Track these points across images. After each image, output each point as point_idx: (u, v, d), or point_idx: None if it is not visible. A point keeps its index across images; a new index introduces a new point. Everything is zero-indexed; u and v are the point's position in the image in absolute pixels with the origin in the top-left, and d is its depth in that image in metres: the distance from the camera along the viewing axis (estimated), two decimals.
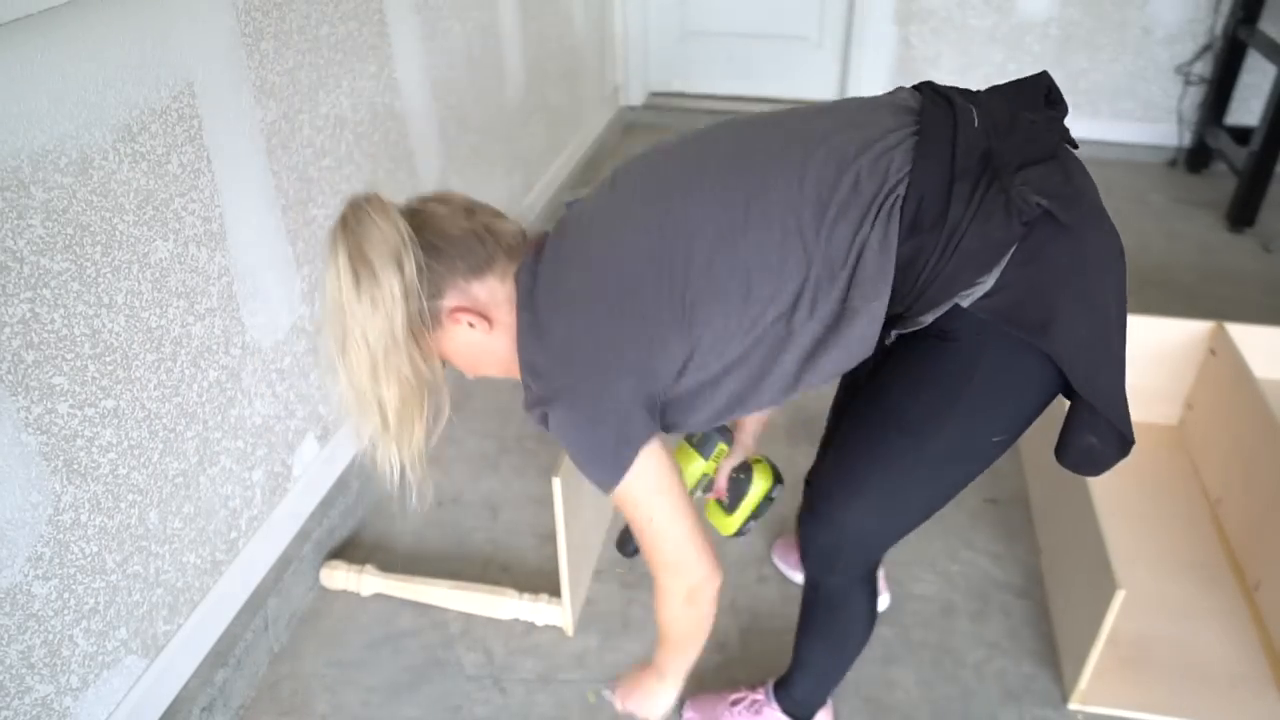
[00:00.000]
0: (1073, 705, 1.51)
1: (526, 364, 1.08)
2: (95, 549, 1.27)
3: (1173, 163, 3.52)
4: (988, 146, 0.94)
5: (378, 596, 1.73)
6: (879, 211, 0.92)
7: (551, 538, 1.81)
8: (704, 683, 1.55)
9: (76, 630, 1.26)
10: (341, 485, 1.86)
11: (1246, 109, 3.34)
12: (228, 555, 1.57)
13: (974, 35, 3.51)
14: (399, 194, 2.10)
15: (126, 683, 1.36)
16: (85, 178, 1.19)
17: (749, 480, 1.43)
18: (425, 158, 2.15)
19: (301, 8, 1.61)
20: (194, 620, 1.48)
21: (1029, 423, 1.09)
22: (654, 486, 1.04)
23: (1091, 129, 3.58)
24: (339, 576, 1.73)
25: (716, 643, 1.63)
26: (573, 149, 3.31)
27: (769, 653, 1.61)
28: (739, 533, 1.44)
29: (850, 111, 1.05)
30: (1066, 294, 0.99)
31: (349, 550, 1.85)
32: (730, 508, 1.43)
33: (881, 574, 1.53)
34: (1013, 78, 1.06)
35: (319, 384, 1.80)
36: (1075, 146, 1.03)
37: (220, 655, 1.51)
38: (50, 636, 1.22)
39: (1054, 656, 1.60)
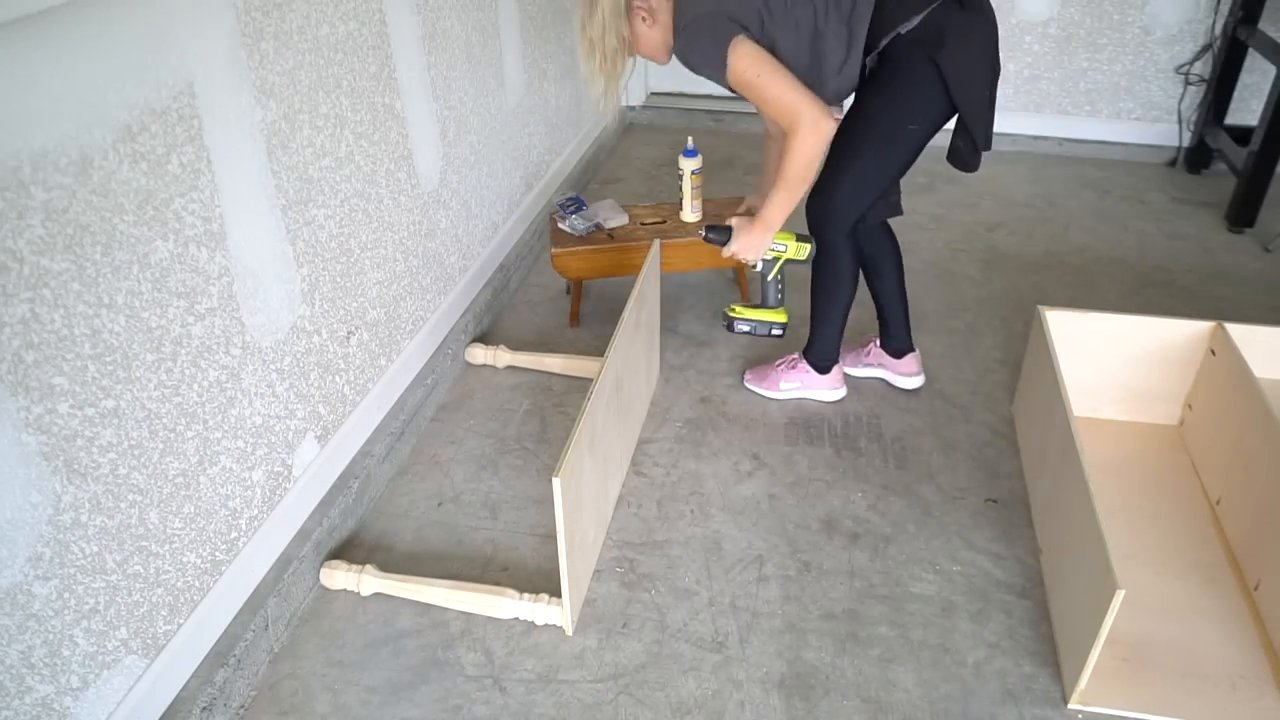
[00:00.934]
0: (1073, 705, 1.51)
1: (680, 25, 1.78)
2: (95, 549, 1.27)
3: (1173, 163, 3.52)
4: None
5: (378, 596, 1.73)
6: None
7: (551, 538, 1.81)
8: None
9: (76, 630, 1.26)
10: (341, 485, 1.86)
11: (1246, 109, 3.34)
12: (228, 555, 1.57)
13: None
14: (400, 194, 2.11)
15: (126, 683, 1.36)
16: (85, 178, 1.19)
17: (777, 303, 2.12)
18: (425, 158, 2.15)
19: (301, 8, 1.61)
20: (194, 620, 1.48)
21: (933, 122, 1.84)
22: (752, 54, 1.72)
23: (1091, 129, 3.58)
24: (339, 576, 1.73)
25: (716, 642, 1.63)
26: (573, 149, 3.31)
27: (769, 652, 1.61)
28: (731, 325, 2.16)
29: None
30: (954, 40, 1.71)
31: (349, 550, 1.85)
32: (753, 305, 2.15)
33: (839, 372, 2.19)
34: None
35: (319, 384, 1.80)
36: None
37: (220, 655, 1.51)
38: (50, 636, 1.22)
39: (1054, 656, 1.60)
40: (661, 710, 1.52)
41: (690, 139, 2.52)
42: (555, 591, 1.65)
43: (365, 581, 1.72)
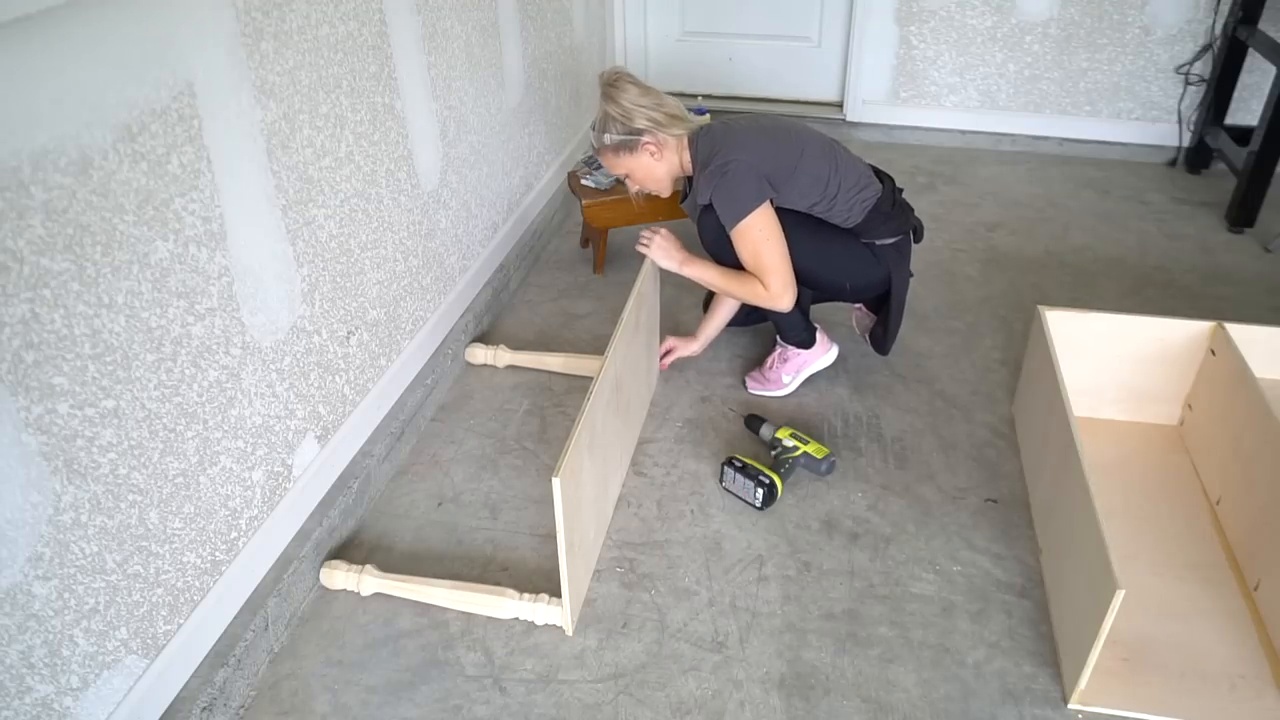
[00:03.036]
0: (1073, 705, 1.51)
1: (701, 163, 1.99)
2: (95, 549, 1.27)
3: (1173, 163, 3.52)
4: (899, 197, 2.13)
5: (378, 596, 1.73)
6: (874, 193, 2.07)
7: (551, 538, 1.81)
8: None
9: (76, 630, 1.26)
10: (341, 485, 1.86)
11: (1246, 109, 3.34)
12: (228, 555, 1.57)
13: (974, 35, 3.51)
14: (399, 194, 2.11)
15: (126, 683, 1.36)
16: (85, 178, 1.19)
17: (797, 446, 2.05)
18: (425, 158, 2.15)
19: (301, 8, 1.61)
20: (194, 620, 1.48)
21: (864, 282, 2.14)
22: (766, 220, 1.93)
23: (1091, 129, 3.58)
24: (339, 576, 1.73)
25: (716, 642, 1.63)
26: (573, 149, 3.31)
27: (769, 652, 1.61)
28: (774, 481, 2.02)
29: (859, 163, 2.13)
30: (903, 265, 2.13)
31: (349, 550, 1.85)
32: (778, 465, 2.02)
33: (821, 334, 2.25)
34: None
35: (319, 384, 1.80)
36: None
37: (220, 655, 1.51)
38: (50, 636, 1.22)
39: (1054, 656, 1.60)
40: (661, 710, 1.52)
41: (700, 97, 2.89)
42: (555, 591, 1.65)
43: (365, 581, 1.72)
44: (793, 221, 1.99)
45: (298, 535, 1.74)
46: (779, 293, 1.97)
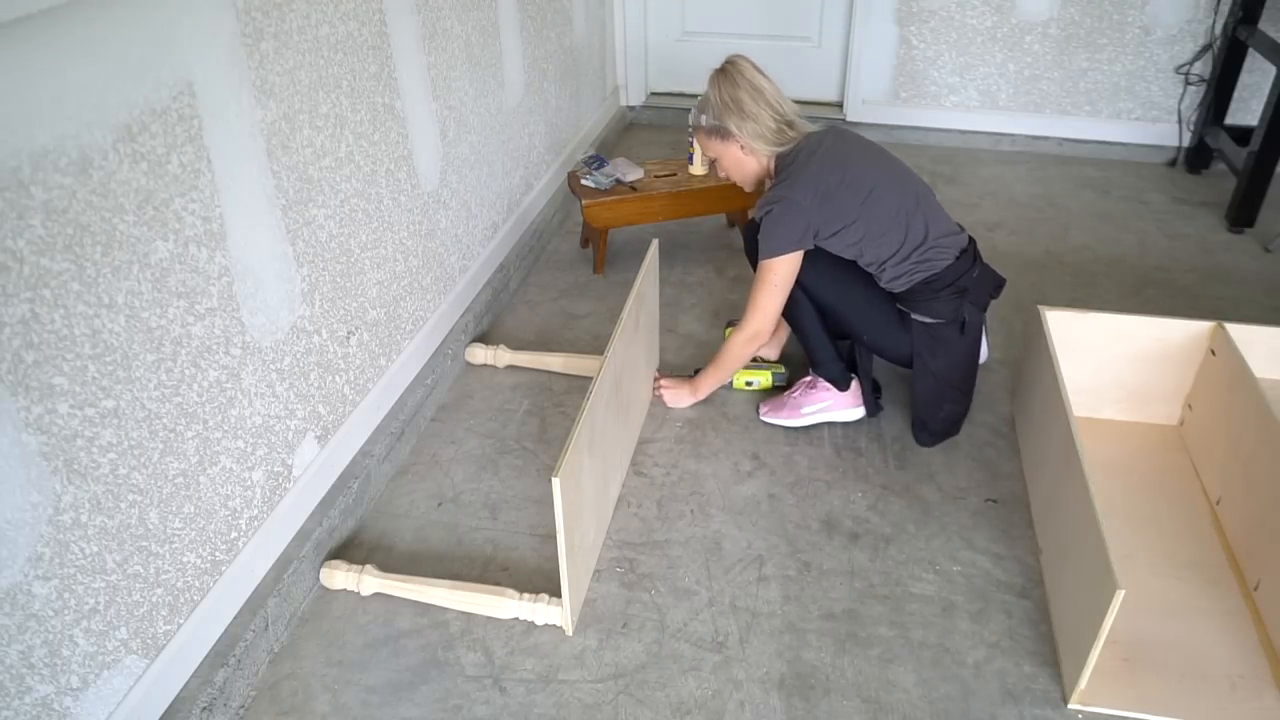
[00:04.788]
0: (1073, 705, 1.51)
1: (780, 182, 1.95)
2: (95, 549, 1.27)
3: (1173, 163, 3.52)
4: (975, 275, 2.01)
5: (378, 596, 1.73)
6: (937, 267, 1.97)
7: (551, 538, 1.81)
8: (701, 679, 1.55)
9: (76, 630, 1.26)
10: (341, 485, 1.86)
11: (1246, 109, 3.34)
12: (228, 555, 1.57)
13: (974, 35, 3.51)
14: (399, 194, 2.11)
15: (126, 683, 1.36)
16: (85, 178, 1.19)
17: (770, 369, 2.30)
18: (425, 158, 2.15)
19: (301, 8, 1.61)
20: (194, 620, 1.48)
21: (900, 351, 2.05)
22: (789, 269, 1.95)
23: (1091, 129, 3.58)
24: (339, 576, 1.73)
25: (716, 642, 1.63)
26: (573, 149, 3.31)
27: (769, 652, 1.61)
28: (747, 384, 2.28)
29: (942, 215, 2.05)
30: (928, 334, 2.01)
31: (349, 550, 1.85)
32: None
33: (856, 388, 2.14)
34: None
35: (319, 384, 1.80)
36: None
37: (220, 655, 1.51)
38: (50, 636, 1.22)
39: (1054, 656, 1.60)
40: (661, 710, 1.52)
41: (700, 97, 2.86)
42: (555, 591, 1.65)
43: (365, 581, 1.72)
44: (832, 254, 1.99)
45: (298, 535, 1.74)
46: (750, 334, 2.02)
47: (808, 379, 2.14)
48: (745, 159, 2.02)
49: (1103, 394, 2.10)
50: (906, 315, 1.97)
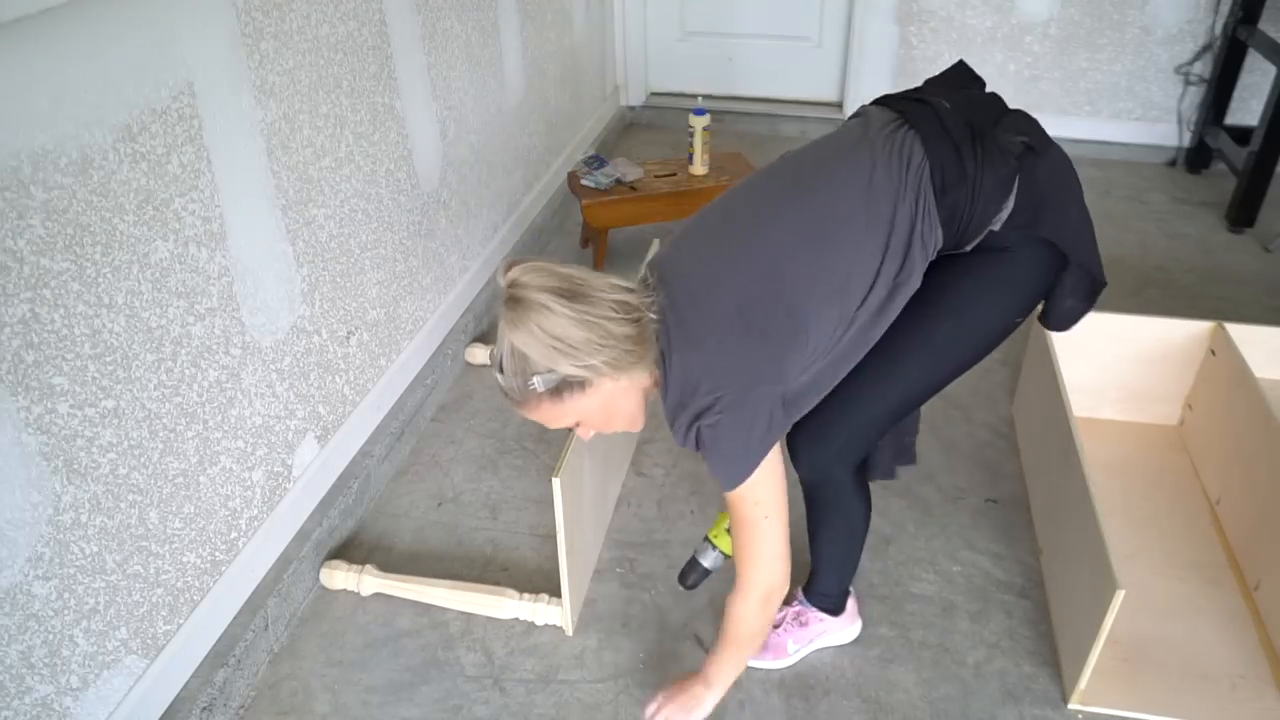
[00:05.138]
0: (1073, 705, 1.51)
1: (675, 399, 1.22)
2: (95, 549, 1.27)
3: (1173, 163, 3.52)
4: (965, 118, 1.23)
5: (378, 596, 1.73)
6: (919, 189, 1.19)
7: (551, 538, 1.81)
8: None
9: (76, 630, 1.26)
10: (341, 485, 1.86)
11: (1246, 109, 3.34)
12: (228, 555, 1.57)
13: (974, 35, 3.51)
14: (399, 194, 2.11)
15: (126, 683, 1.36)
16: (85, 178, 1.19)
17: None
18: (425, 158, 2.15)
19: (301, 8, 1.61)
20: (194, 620, 1.48)
21: (1035, 304, 1.34)
22: (775, 485, 1.25)
23: (1091, 129, 3.58)
24: (339, 576, 1.73)
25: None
26: (573, 149, 3.31)
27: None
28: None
29: (846, 136, 1.29)
30: (1054, 196, 1.27)
31: (349, 550, 1.85)
32: None
33: (853, 604, 1.64)
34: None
35: (319, 384, 1.80)
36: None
37: (220, 655, 1.51)
38: (50, 636, 1.22)
39: (1054, 656, 1.60)
40: None
41: (700, 97, 2.92)
42: (555, 591, 1.65)
43: (365, 581, 1.72)
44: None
45: (298, 535, 1.74)
46: (763, 595, 1.31)
47: (795, 608, 1.61)
48: (622, 396, 1.23)
49: (1103, 394, 2.10)
50: (1014, 249, 1.26)
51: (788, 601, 1.60)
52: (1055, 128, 3.96)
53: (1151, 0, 3.31)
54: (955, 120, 1.22)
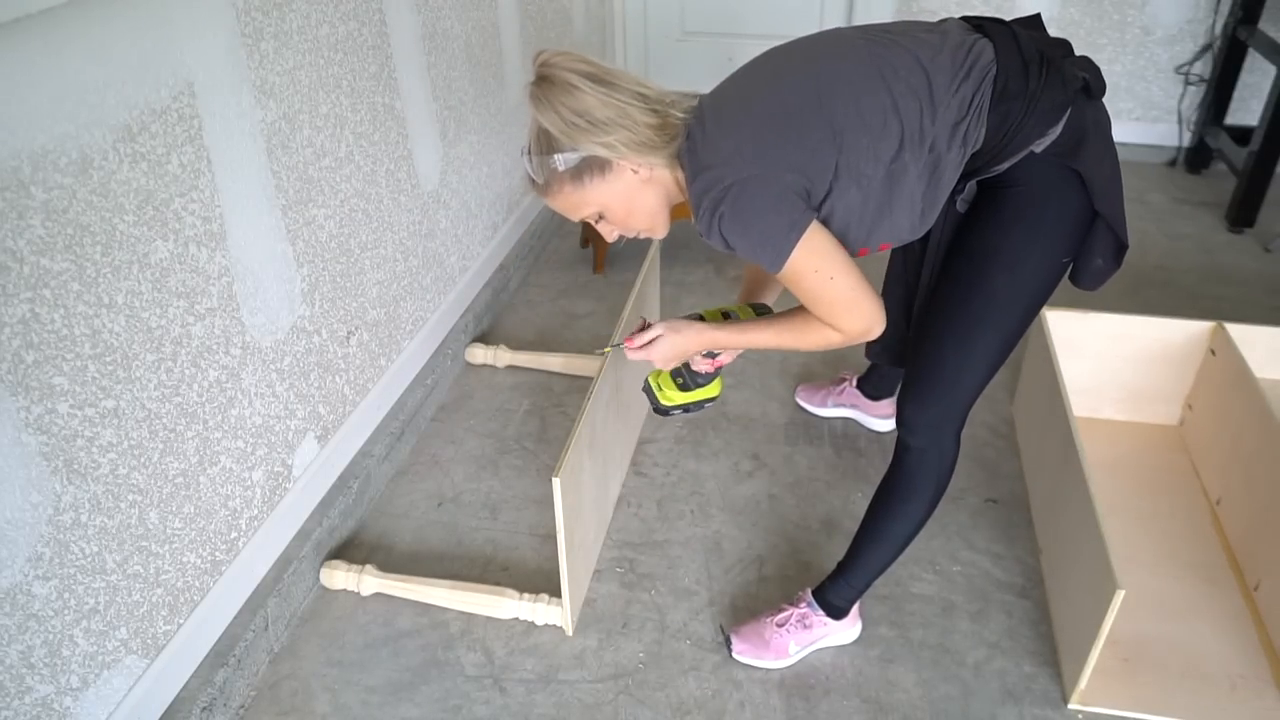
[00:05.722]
0: (1073, 705, 1.51)
1: (700, 186, 1.25)
2: (95, 549, 1.27)
3: (1173, 163, 3.52)
4: (1039, 46, 1.27)
5: (378, 596, 1.73)
6: (979, 85, 1.23)
7: (551, 538, 1.81)
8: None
9: (76, 630, 1.26)
10: (341, 485, 1.86)
11: (1246, 109, 3.34)
12: (228, 555, 1.57)
13: None
14: (399, 194, 2.11)
15: (126, 683, 1.36)
16: (85, 178, 1.19)
17: (710, 381, 1.59)
18: (425, 158, 2.15)
19: (301, 8, 1.61)
20: (194, 620, 1.48)
21: (1075, 247, 1.39)
22: (827, 249, 1.25)
23: None
24: (339, 576, 1.73)
25: (716, 642, 1.63)
26: None
27: None
28: (668, 411, 1.62)
29: (922, 27, 1.33)
30: (1093, 137, 1.32)
31: (349, 550, 1.85)
32: (684, 388, 1.59)
33: (856, 606, 1.63)
34: None
35: (319, 384, 1.80)
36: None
37: (220, 655, 1.51)
38: (50, 636, 1.22)
39: (1054, 656, 1.60)
40: (661, 710, 1.52)
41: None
42: (555, 591, 1.65)
43: (365, 581, 1.72)
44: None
45: (298, 535, 1.74)
46: (863, 331, 1.32)
47: (800, 609, 1.61)
48: (643, 188, 1.31)
49: (1103, 394, 2.10)
50: (1055, 180, 1.32)
51: (794, 603, 1.62)
52: None
53: (1151, 0, 3.31)
54: (1029, 43, 1.27)
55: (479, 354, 2.38)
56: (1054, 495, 1.75)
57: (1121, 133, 3.53)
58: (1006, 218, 1.34)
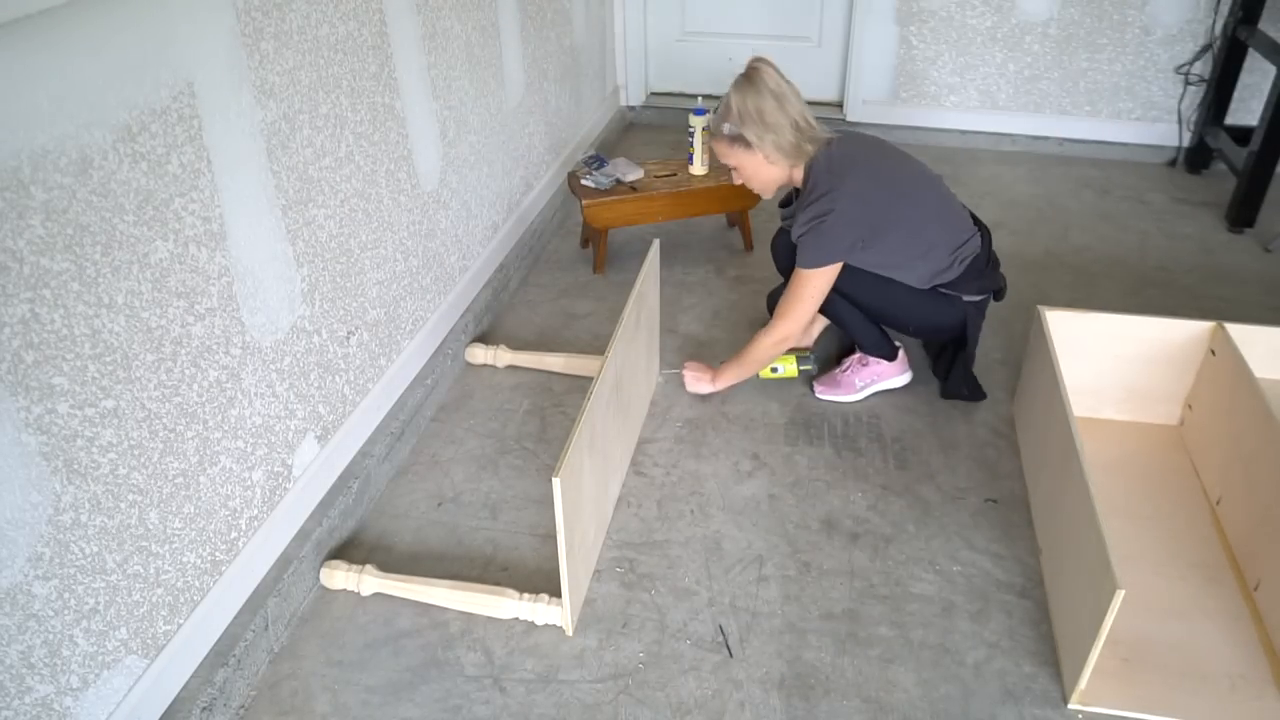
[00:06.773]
0: (1072, 705, 1.51)
1: (814, 195, 1.97)
2: (95, 549, 1.27)
3: (1173, 163, 3.52)
4: (989, 252, 2.14)
5: (378, 596, 1.73)
6: (964, 247, 2.07)
7: (551, 538, 1.81)
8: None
9: (76, 630, 1.26)
10: (341, 485, 1.86)
11: (1246, 109, 3.34)
12: (228, 555, 1.57)
13: (974, 35, 3.51)
14: (400, 194, 2.11)
15: (126, 683, 1.36)
16: (85, 178, 1.19)
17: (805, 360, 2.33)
18: (425, 158, 2.15)
19: (301, 8, 1.61)
20: (194, 620, 1.48)
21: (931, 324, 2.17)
22: (827, 281, 2.01)
23: (1091, 129, 3.58)
24: (339, 576, 1.73)
25: (716, 643, 1.63)
26: (573, 149, 3.31)
27: (769, 652, 1.61)
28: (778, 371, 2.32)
29: (961, 206, 2.15)
30: (977, 309, 2.14)
31: (349, 550, 1.85)
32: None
33: (903, 355, 2.25)
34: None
35: (319, 384, 1.80)
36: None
37: (220, 655, 1.51)
38: (50, 636, 1.22)
39: (1054, 656, 1.60)
40: (661, 710, 1.52)
41: (700, 97, 2.96)
42: (555, 591, 1.65)
43: (365, 581, 1.72)
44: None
45: (298, 535, 1.74)
46: (778, 338, 2.06)
47: (856, 356, 2.24)
48: (767, 168, 2.02)
49: (1103, 394, 2.10)
50: (950, 295, 2.05)
51: (851, 351, 2.28)
52: (1055, 128, 3.98)
53: (1151, 0, 3.31)
54: (989, 245, 2.13)
55: (479, 354, 2.38)
56: (1054, 495, 1.75)
57: (1121, 132, 3.55)
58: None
